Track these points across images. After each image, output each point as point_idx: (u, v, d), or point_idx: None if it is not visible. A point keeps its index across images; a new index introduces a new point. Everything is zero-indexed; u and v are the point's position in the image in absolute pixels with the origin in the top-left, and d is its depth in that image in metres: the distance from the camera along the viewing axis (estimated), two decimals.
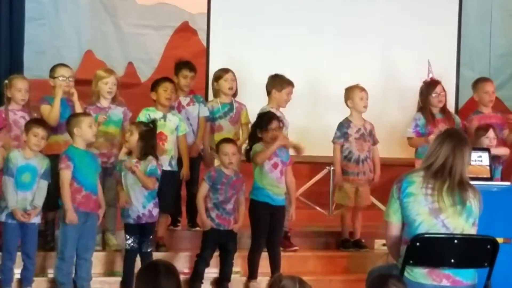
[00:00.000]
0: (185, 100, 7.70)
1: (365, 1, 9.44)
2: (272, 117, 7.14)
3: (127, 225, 6.77)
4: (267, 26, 9.17)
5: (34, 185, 6.57)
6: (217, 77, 7.79)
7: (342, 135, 7.77)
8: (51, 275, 6.74)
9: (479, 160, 6.50)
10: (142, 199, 6.76)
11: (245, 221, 7.15)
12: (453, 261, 4.64)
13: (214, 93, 7.88)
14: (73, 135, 6.64)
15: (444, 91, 7.92)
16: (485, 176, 6.46)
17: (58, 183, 6.59)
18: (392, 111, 9.15)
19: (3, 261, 6.53)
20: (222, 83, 7.74)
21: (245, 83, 7.84)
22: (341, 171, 7.77)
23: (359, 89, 7.80)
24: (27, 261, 6.56)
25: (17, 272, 6.59)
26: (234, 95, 7.80)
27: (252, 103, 7.77)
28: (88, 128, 6.61)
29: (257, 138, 7.07)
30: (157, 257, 6.78)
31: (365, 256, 7.57)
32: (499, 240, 4.83)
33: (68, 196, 6.49)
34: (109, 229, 7.23)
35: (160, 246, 7.28)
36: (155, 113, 7.30)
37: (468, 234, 4.70)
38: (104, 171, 6.99)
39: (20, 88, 6.98)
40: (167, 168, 7.17)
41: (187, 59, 7.95)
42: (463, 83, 9.47)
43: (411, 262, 4.64)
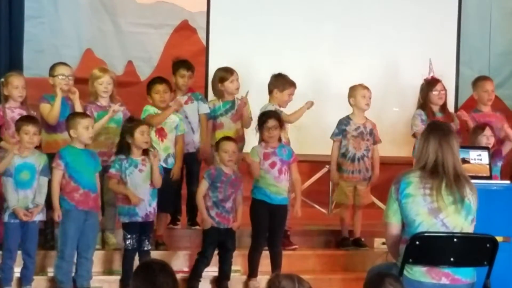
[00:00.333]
0: (182, 99, 7.61)
1: (365, 0, 9.44)
2: (269, 116, 7.13)
3: (127, 224, 6.76)
4: (267, 24, 9.16)
5: (33, 182, 6.55)
6: (222, 79, 7.69)
7: (340, 132, 7.77)
8: (51, 274, 6.74)
9: (479, 158, 6.50)
10: (148, 197, 6.77)
11: (245, 219, 7.15)
12: (452, 259, 4.63)
13: (216, 93, 7.80)
14: (70, 136, 6.65)
15: (444, 89, 7.93)
16: (485, 174, 6.46)
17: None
18: (392, 110, 9.15)
19: (3, 260, 6.52)
20: (228, 85, 7.66)
21: (245, 81, 7.82)
22: (336, 168, 7.78)
23: (362, 87, 7.80)
24: (27, 260, 6.55)
25: (17, 270, 6.59)
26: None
27: (251, 102, 7.75)
28: (84, 130, 6.59)
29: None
30: (157, 255, 6.80)
31: (364, 254, 7.56)
32: (499, 238, 4.82)
33: (56, 195, 6.53)
34: (108, 228, 7.22)
35: (159, 244, 7.27)
36: (155, 110, 7.30)
37: (467, 232, 4.70)
38: (104, 169, 6.97)
39: (16, 85, 6.96)
40: (163, 165, 7.13)
41: (184, 57, 7.90)
42: (462, 81, 9.46)
43: (411, 260, 4.63)
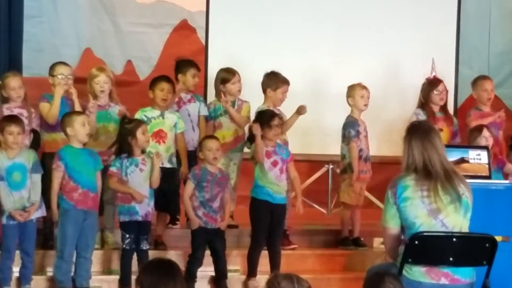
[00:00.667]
0: (186, 96, 7.66)
1: (365, 0, 9.43)
2: (273, 114, 7.15)
3: (124, 223, 6.76)
4: (266, 24, 9.17)
5: (27, 182, 6.51)
6: (224, 80, 7.68)
7: (356, 134, 7.69)
8: (50, 274, 6.73)
9: (478, 158, 6.49)
10: (148, 196, 6.76)
11: (245, 219, 7.15)
12: (451, 259, 4.63)
13: (217, 94, 7.79)
14: (67, 134, 6.62)
15: (446, 89, 7.94)
16: (484, 174, 6.46)
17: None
18: (391, 109, 9.15)
19: (2, 260, 6.50)
20: (230, 87, 7.65)
21: (244, 81, 7.82)
22: (344, 170, 7.75)
23: (360, 87, 7.79)
24: (26, 259, 6.54)
25: (16, 270, 6.58)
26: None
27: (251, 102, 7.76)
28: (81, 126, 6.57)
29: (254, 137, 7.08)
30: (155, 255, 6.76)
31: (364, 254, 7.56)
32: (498, 238, 4.83)
33: (54, 196, 6.53)
34: (108, 227, 7.22)
35: (158, 244, 7.26)
36: (151, 112, 7.30)
37: (466, 232, 4.70)
38: (104, 169, 6.95)
39: (13, 86, 6.95)
40: (167, 165, 7.16)
41: (188, 57, 7.92)
42: (462, 81, 9.47)
43: (410, 260, 4.63)
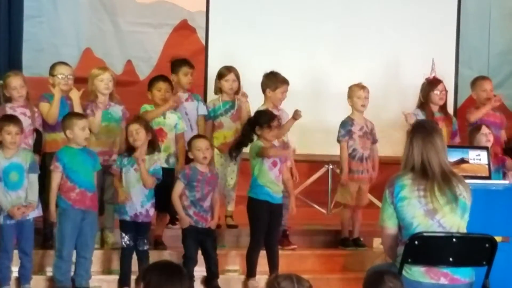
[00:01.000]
0: (183, 96, 7.66)
1: (365, 0, 9.44)
2: (272, 114, 7.15)
3: (122, 222, 6.76)
4: (266, 24, 9.17)
5: (23, 182, 6.50)
6: (220, 75, 7.72)
7: (346, 133, 7.74)
8: (50, 273, 6.72)
9: (478, 158, 6.49)
10: (141, 197, 6.75)
11: (244, 219, 7.15)
12: (451, 259, 4.63)
13: (215, 90, 7.82)
14: (67, 136, 6.63)
15: (445, 90, 7.94)
16: (484, 174, 6.46)
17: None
18: (392, 109, 9.14)
19: (0, 260, 6.49)
20: (223, 83, 7.68)
21: (244, 81, 7.82)
22: (341, 169, 7.77)
23: (358, 88, 7.77)
24: (24, 259, 6.54)
25: (15, 270, 6.58)
26: (236, 93, 7.76)
27: (251, 102, 7.76)
28: (80, 131, 6.57)
29: (251, 136, 7.08)
30: (155, 255, 6.79)
31: (363, 254, 7.55)
32: (498, 238, 4.82)
33: (53, 197, 6.52)
34: (108, 226, 7.22)
35: (158, 244, 7.26)
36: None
37: (466, 233, 4.69)
38: (104, 168, 6.96)
39: (14, 86, 6.94)
40: (164, 165, 7.14)
41: (183, 56, 7.90)
42: (461, 81, 9.47)
43: (410, 260, 4.62)
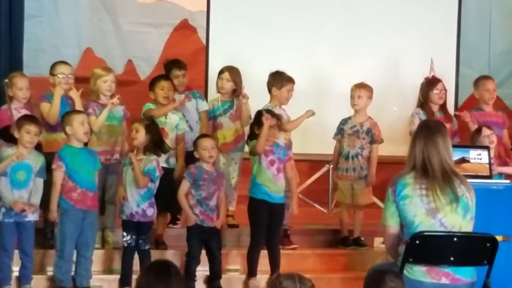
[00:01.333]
0: (180, 97, 7.60)
1: (365, 0, 9.44)
2: (271, 114, 7.12)
3: (124, 222, 6.77)
4: (267, 23, 9.18)
5: (29, 183, 6.52)
6: (218, 73, 7.75)
7: (338, 132, 7.88)
8: (50, 273, 6.72)
9: (479, 158, 6.49)
10: (137, 197, 6.73)
11: (245, 219, 7.15)
12: (452, 259, 4.63)
13: (216, 88, 7.84)
14: (67, 134, 6.62)
15: (444, 89, 7.95)
16: (484, 174, 6.46)
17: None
18: (391, 109, 9.15)
19: (0, 259, 6.49)
20: (217, 80, 7.73)
21: (245, 80, 7.82)
22: (336, 168, 7.85)
23: (354, 87, 7.80)
24: (25, 259, 6.54)
25: (16, 270, 6.58)
26: (233, 94, 7.74)
27: (252, 101, 7.74)
28: (79, 125, 6.56)
29: (256, 136, 7.09)
30: (156, 255, 6.79)
31: (364, 254, 7.55)
32: (499, 238, 4.81)
33: (55, 196, 6.51)
34: (108, 226, 7.22)
35: (159, 244, 7.26)
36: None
37: (467, 232, 4.69)
38: (106, 168, 6.96)
39: (21, 86, 6.96)
40: (164, 165, 7.12)
41: (175, 58, 7.89)
42: (462, 81, 9.48)
43: (411, 260, 4.62)
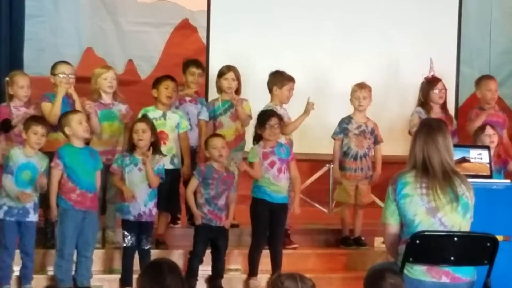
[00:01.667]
0: (188, 96, 7.66)
1: (366, 0, 9.44)
2: (271, 114, 7.14)
3: (125, 222, 6.76)
4: (267, 23, 9.17)
5: (34, 183, 6.50)
6: (220, 74, 7.71)
7: (341, 131, 7.77)
8: (51, 273, 6.73)
9: (479, 157, 6.49)
10: (144, 197, 6.75)
11: (246, 218, 7.15)
12: (452, 258, 4.62)
13: (216, 88, 7.81)
14: (66, 135, 6.62)
15: (444, 88, 7.94)
16: (485, 173, 6.46)
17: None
18: (392, 108, 9.15)
19: (1, 258, 6.50)
20: (222, 82, 7.68)
21: (246, 80, 7.82)
22: (338, 167, 7.78)
23: (357, 88, 7.77)
24: (26, 259, 6.54)
25: (16, 269, 6.59)
26: (236, 92, 7.74)
27: (253, 101, 7.75)
28: (78, 125, 6.57)
29: (259, 136, 7.09)
30: (156, 254, 6.79)
31: (365, 253, 7.56)
32: (499, 237, 4.81)
33: (53, 193, 6.53)
34: (109, 226, 7.22)
35: (160, 243, 7.27)
36: (154, 112, 7.28)
37: (467, 231, 4.69)
38: (107, 168, 6.95)
39: (22, 85, 6.96)
40: (169, 166, 7.14)
41: (194, 58, 7.94)
42: (463, 80, 9.48)
43: (411, 259, 4.62)
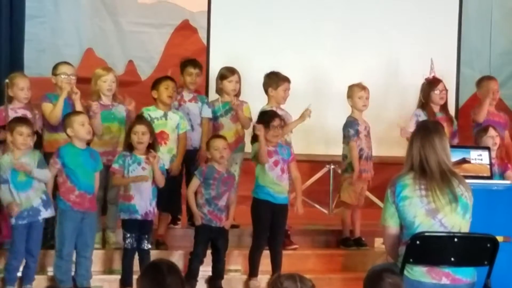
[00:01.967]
0: (188, 96, 7.66)
1: (366, 0, 9.44)
2: (273, 115, 7.15)
3: (126, 222, 6.76)
4: (267, 24, 9.18)
5: (32, 182, 6.48)
6: (222, 76, 7.69)
7: (355, 133, 7.70)
8: (51, 273, 6.73)
9: (479, 158, 6.49)
10: (149, 195, 6.76)
11: (247, 219, 7.15)
12: (453, 259, 4.62)
13: (217, 90, 7.80)
14: (69, 136, 6.62)
15: (445, 89, 7.93)
16: (485, 174, 6.46)
17: (55, 180, 6.60)
18: (392, 109, 9.15)
19: (9, 261, 6.50)
20: (226, 84, 7.65)
21: (245, 81, 7.82)
22: (345, 169, 7.75)
23: (359, 88, 7.76)
24: (30, 259, 6.54)
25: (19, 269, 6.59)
26: (236, 94, 7.75)
27: (252, 102, 7.75)
28: (80, 126, 6.57)
29: (257, 136, 7.08)
30: (156, 255, 6.79)
31: (365, 254, 7.56)
32: (499, 238, 4.81)
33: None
34: (110, 227, 7.22)
35: (160, 244, 7.27)
36: (155, 112, 7.29)
37: (468, 232, 4.69)
38: (107, 168, 6.94)
39: (22, 87, 6.94)
40: (169, 166, 7.16)
41: (191, 57, 7.90)
42: (463, 81, 9.48)
43: (411, 260, 4.62)
